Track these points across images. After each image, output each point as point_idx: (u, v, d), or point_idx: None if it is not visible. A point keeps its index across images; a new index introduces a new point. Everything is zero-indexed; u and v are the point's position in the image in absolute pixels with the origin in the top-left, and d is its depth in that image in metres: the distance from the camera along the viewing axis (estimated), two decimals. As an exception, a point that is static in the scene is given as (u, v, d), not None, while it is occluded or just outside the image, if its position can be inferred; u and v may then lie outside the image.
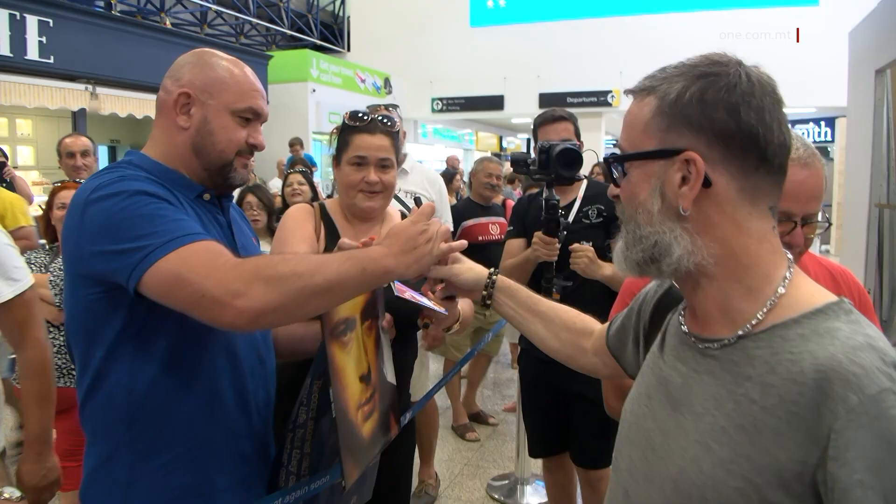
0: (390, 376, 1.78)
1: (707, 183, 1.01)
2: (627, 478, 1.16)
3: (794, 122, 18.43)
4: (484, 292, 1.59)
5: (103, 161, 16.26)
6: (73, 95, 10.51)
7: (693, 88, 1.02)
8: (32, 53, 9.61)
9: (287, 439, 1.65)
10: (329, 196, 8.13)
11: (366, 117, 2.23)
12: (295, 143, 12.31)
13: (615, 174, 1.11)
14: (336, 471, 1.63)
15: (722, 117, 1.00)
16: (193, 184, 1.62)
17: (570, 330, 1.55)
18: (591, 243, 2.92)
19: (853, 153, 7.95)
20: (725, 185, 1.02)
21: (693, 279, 1.06)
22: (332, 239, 2.23)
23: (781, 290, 1.02)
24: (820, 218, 1.62)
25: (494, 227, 5.03)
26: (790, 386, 0.93)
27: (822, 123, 18.13)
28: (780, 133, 1.03)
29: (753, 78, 1.03)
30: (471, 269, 1.61)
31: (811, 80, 14.67)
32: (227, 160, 1.62)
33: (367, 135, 2.20)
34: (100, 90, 10.85)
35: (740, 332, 1.02)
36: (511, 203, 6.49)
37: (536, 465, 4.52)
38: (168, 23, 13.58)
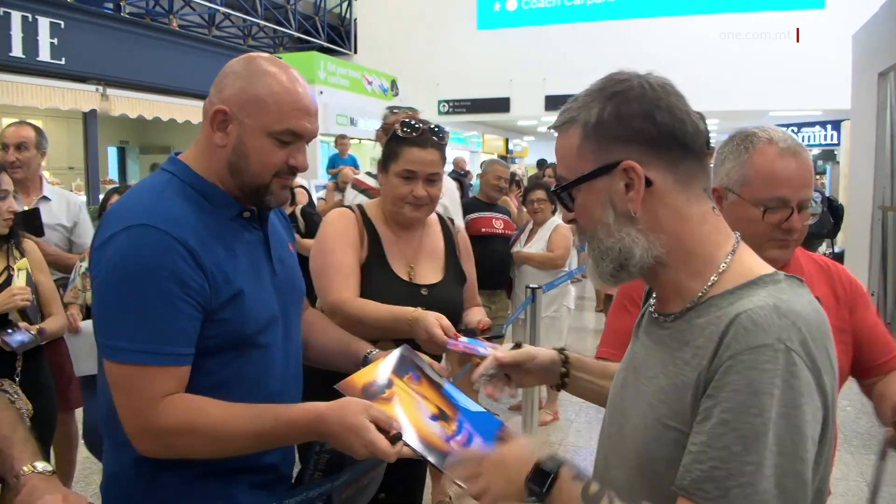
0: (474, 407, 1.67)
1: (648, 182, 1.12)
2: (607, 443, 1.29)
3: (801, 126, 18.37)
4: (562, 369, 1.59)
5: (113, 162, 16.38)
6: (84, 97, 10.59)
7: (608, 108, 1.13)
8: (44, 55, 9.70)
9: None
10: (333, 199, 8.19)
11: (417, 127, 2.22)
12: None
13: (566, 203, 1.21)
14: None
15: (641, 125, 1.12)
16: (232, 202, 1.59)
17: None
18: None
19: (857, 156, 7.97)
20: (662, 179, 1.13)
21: (653, 270, 1.17)
22: (374, 245, 2.28)
23: (723, 266, 1.13)
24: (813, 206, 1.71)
25: (498, 221, 5.27)
26: (709, 344, 1.05)
27: (829, 127, 18.07)
28: (691, 123, 1.14)
29: (655, 84, 1.15)
30: (541, 350, 1.59)
31: (818, 83, 14.66)
32: (262, 183, 1.57)
33: (418, 149, 2.21)
34: (110, 91, 10.92)
35: (687, 305, 1.14)
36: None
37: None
38: (176, 24, 13.68)
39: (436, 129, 2.24)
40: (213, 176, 1.58)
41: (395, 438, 1.42)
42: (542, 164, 13.82)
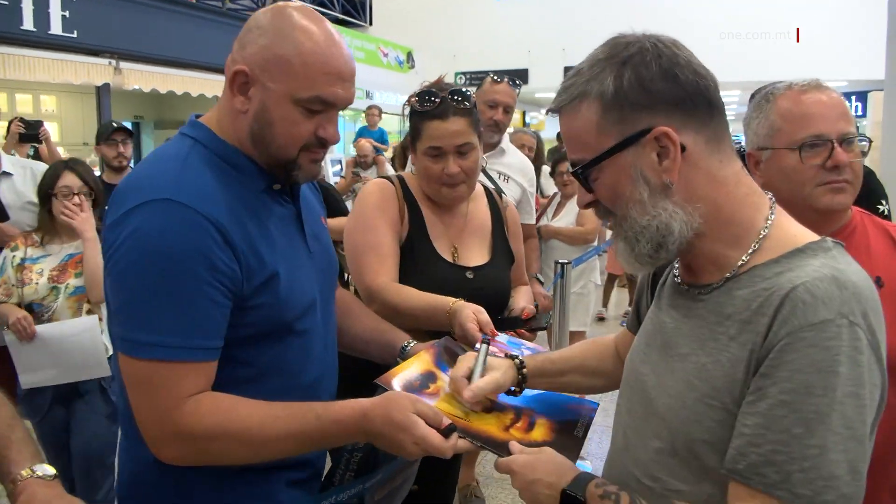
0: (530, 392, 1.60)
1: (682, 148, 1.04)
2: (627, 420, 1.22)
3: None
4: (516, 386, 1.53)
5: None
6: (96, 70, 10.45)
7: (627, 75, 1.05)
8: (56, 28, 9.55)
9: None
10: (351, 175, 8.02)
11: (435, 99, 1.99)
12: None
13: (586, 183, 1.12)
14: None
15: (664, 87, 1.04)
16: (261, 172, 1.42)
17: (599, 358, 1.58)
18: None
19: (890, 127, 7.72)
20: (694, 142, 1.06)
21: (689, 242, 1.09)
22: (416, 222, 2.10)
23: (764, 232, 1.07)
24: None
25: None
26: (760, 318, 0.99)
27: (854, 98, 17.71)
28: (711, 77, 1.08)
29: (665, 41, 1.08)
30: (504, 374, 1.49)
31: (845, 52, 14.31)
32: (289, 157, 1.38)
33: (440, 121, 1.99)
34: (123, 65, 10.77)
35: (727, 276, 1.07)
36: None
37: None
38: (191, -3, 13.50)
39: (456, 96, 2.00)
40: (238, 143, 1.40)
41: (449, 430, 1.29)
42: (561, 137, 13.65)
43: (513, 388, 1.52)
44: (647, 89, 1.04)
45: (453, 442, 1.30)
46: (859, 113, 17.33)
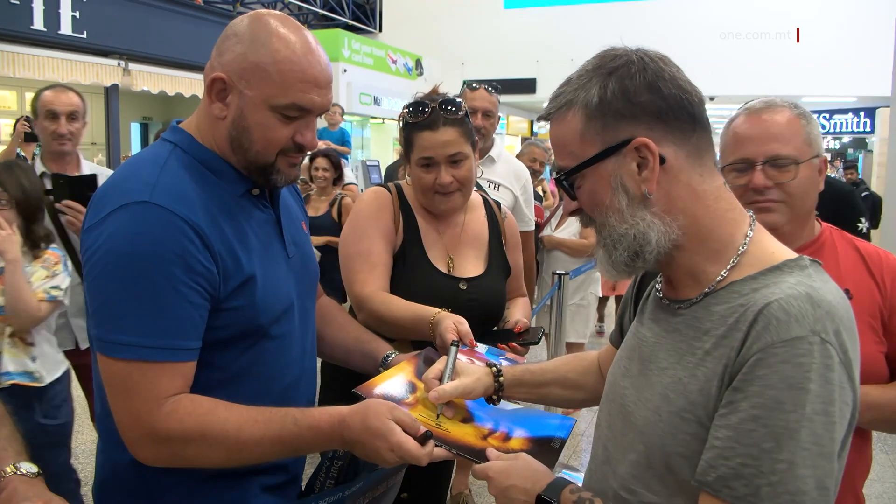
0: (509, 406, 1.64)
1: (661, 160, 1.06)
2: (606, 433, 1.22)
3: (833, 112, 18.00)
4: (494, 396, 1.53)
5: (135, 138, 16.39)
6: (105, 71, 10.51)
7: (611, 86, 1.07)
8: (66, 28, 9.61)
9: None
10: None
11: (425, 110, 2.00)
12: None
13: (570, 190, 1.15)
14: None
15: (647, 99, 1.06)
16: (240, 177, 1.43)
17: (580, 372, 1.58)
18: None
19: (896, 143, 7.72)
20: (675, 155, 1.07)
21: (668, 255, 1.10)
22: (411, 230, 2.09)
23: (742, 248, 1.08)
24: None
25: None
26: (735, 333, 1.00)
27: (862, 114, 17.69)
28: (696, 93, 1.10)
29: (652, 55, 1.10)
30: (477, 380, 1.50)
31: (853, 68, 14.31)
32: (266, 162, 1.40)
33: (430, 132, 1.99)
34: (132, 66, 10.84)
35: (706, 291, 1.09)
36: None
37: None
38: (200, 0, 13.57)
39: (447, 105, 2.00)
40: (217, 149, 1.42)
41: (425, 438, 1.30)
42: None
43: (493, 398, 1.53)
44: (630, 100, 1.06)
45: (429, 449, 1.30)
46: (867, 129, 17.34)
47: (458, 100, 2.04)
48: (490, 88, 3.54)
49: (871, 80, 12.64)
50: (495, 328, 2.11)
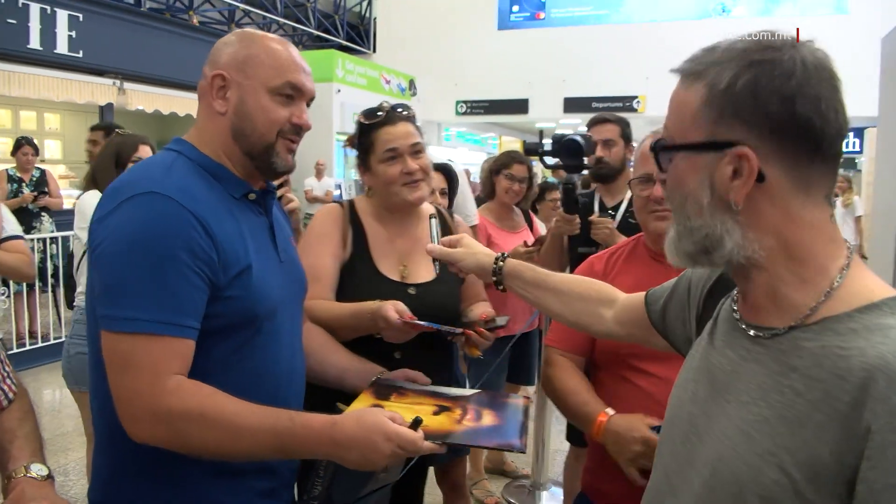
0: (468, 392, 1.85)
1: (760, 178, 0.96)
2: (669, 461, 1.15)
3: (822, 132, 18.10)
4: (494, 278, 1.65)
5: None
6: (100, 90, 10.56)
7: (745, 77, 0.96)
8: (62, 47, 9.66)
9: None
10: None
11: (380, 112, 2.19)
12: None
13: (661, 163, 1.08)
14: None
15: (776, 109, 0.95)
16: (239, 181, 1.55)
17: (585, 299, 1.61)
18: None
19: (883, 162, 7.80)
20: (778, 178, 0.97)
21: (744, 270, 1.03)
22: (358, 242, 2.19)
23: (838, 281, 0.98)
24: None
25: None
26: (836, 381, 0.89)
27: (851, 134, 17.84)
28: (836, 121, 0.97)
29: (809, 63, 0.97)
30: (472, 255, 1.69)
31: (843, 89, 14.46)
32: (268, 142, 1.53)
33: (390, 126, 2.16)
34: (127, 86, 10.89)
35: (792, 323, 0.98)
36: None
37: (554, 471, 4.48)
38: (196, 21, 13.65)
39: (398, 108, 2.21)
40: (219, 154, 1.54)
41: (416, 423, 1.38)
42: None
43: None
44: (755, 103, 0.96)
45: (422, 434, 1.40)
46: (856, 149, 17.47)
47: (406, 104, 2.25)
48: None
49: (860, 100, 12.77)
50: (461, 322, 2.20)
